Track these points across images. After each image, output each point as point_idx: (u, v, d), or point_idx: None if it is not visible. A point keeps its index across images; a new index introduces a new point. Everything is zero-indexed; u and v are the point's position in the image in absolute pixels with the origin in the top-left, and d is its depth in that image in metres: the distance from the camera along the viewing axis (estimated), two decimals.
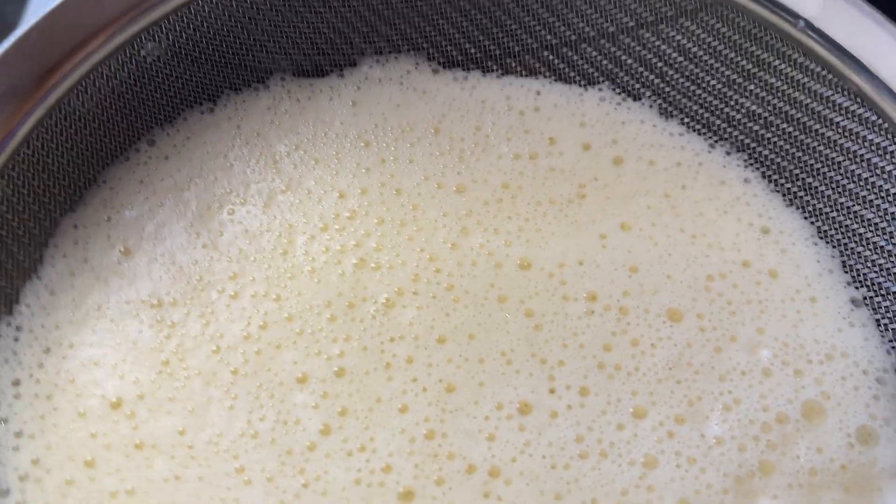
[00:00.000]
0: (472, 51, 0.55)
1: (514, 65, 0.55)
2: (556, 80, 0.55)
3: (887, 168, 0.48)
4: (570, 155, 0.53)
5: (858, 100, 0.47)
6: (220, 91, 0.55)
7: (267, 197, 0.51)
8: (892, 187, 0.48)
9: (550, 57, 0.55)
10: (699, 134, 0.54)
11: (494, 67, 0.56)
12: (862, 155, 0.49)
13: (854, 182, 0.49)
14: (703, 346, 0.48)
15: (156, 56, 0.51)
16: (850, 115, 0.48)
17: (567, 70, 0.55)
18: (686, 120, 0.54)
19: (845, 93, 0.48)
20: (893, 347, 0.48)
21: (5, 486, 0.45)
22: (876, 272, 0.49)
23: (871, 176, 0.49)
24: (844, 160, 0.49)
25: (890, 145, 0.47)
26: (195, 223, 0.51)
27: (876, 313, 0.49)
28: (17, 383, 0.47)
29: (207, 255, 0.50)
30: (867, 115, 0.47)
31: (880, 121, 0.47)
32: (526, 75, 0.55)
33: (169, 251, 0.50)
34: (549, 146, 0.53)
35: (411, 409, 0.46)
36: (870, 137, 0.48)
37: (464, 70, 0.56)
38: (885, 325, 0.49)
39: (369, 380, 0.47)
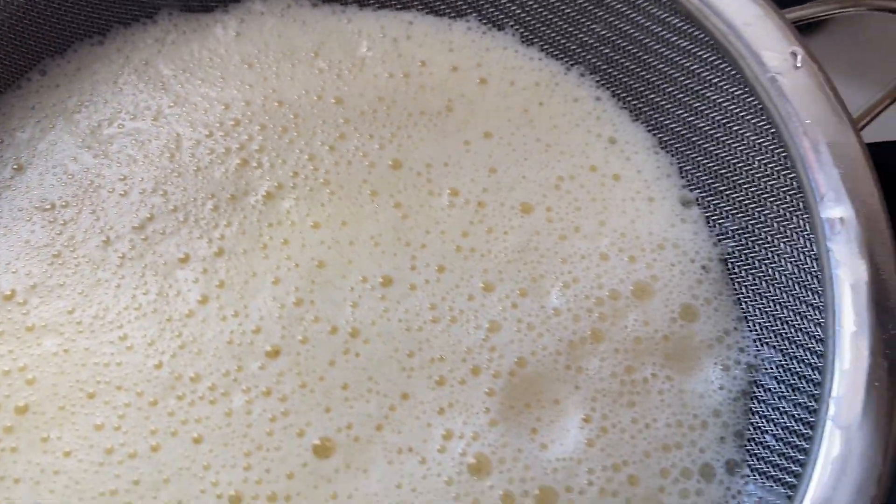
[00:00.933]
0: None
1: None
2: (427, 13, 0.61)
3: (714, 80, 0.54)
4: (440, 75, 0.58)
5: (688, 20, 0.53)
6: (110, 25, 0.59)
7: (155, 112, 0.56)
8: (720, 97, 0.54)
9: None
10: (556, 59, 0.60)
11: (371, 1, 0.61)
12: (694, 70, 0.55)
13: (689, 95, 0.55)
14: (549, 234, 0.53)
15: None
16: (682, 35, 0.54)
17: (437, 3, 0.61)
18: (545, 46, 0.60)
19: (677, 14, 0.54)
20: (719, 240, 0.54)
21: None
22: (707, 175, 0.55)
23: (703, 89, 0.55)
24: (681, 76, 0.55)
25: (716, 59, 0.53)
26: (87, 139, 0.55)
27: (706, 211, 0.55)
28: None
29: (98, 162, 0.54)
30: (697, 33, 0.53)
31: (707, 37, 0.53)
32: (400, 8, 0.61)
33: (61, 163, 0.54)
34: (421, 67, 0.59)
35: (283, 282, 0.51)
36: (700, 53, 0.54)
37: (341, 4, 0.61)
38: (714, 221, 0.55)
39: (246, 258, 0.51)
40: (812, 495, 0.40)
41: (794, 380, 0.47)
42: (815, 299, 0.47)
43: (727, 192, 0.54)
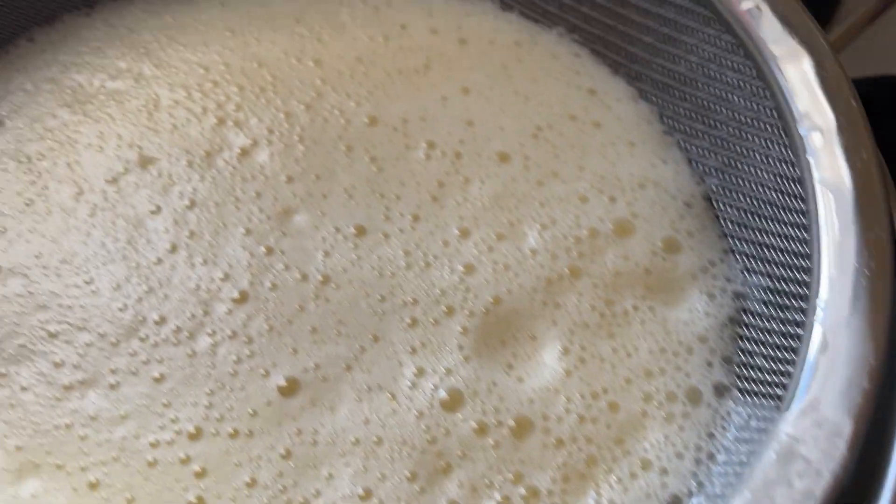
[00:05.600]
0: None
1: None
2: None
3: (689, 25, 0.53)
4: (419, 37, 0.59)
5: None
6: None
7: (136, 75, 0.57)
8: (696, 41, 0.53)
9: None
10: (536, 21, 0.60)
11: None
12: (669, 17, 0.54)
13: (666, 43, 0.55)
14: (527, 180, 0.52)
15: None
16: None
17: None
18: (524, 10, 0.60)
19: None
20: (702, 179, 0.52)
21: None
22: (688, 118, 0.54)
23: (679, 34, 0.54)
24: (657, 25, 0.55)
25: (689, 3, 0.53)
26: (67, 98, 0.56)
27: (688, 153, 0.53)
28: None
29: (77, 119, 0.55)
30: None
31: None
32: None
33: (41, 120, 0.55)
34: (401, 30, 0.59)
35: (254, 232, 0.50)
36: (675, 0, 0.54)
37: None
38: (696, 162, 0.53)
39: (218, 210, 0.51)
40: (800, 398, 0.37)
41: (781, 300, 0.44)
42: (799, 219, 0.45)
43: (708, 132, 0.53)
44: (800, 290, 0.43)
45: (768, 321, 0.45)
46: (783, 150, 0.48)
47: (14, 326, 0.46)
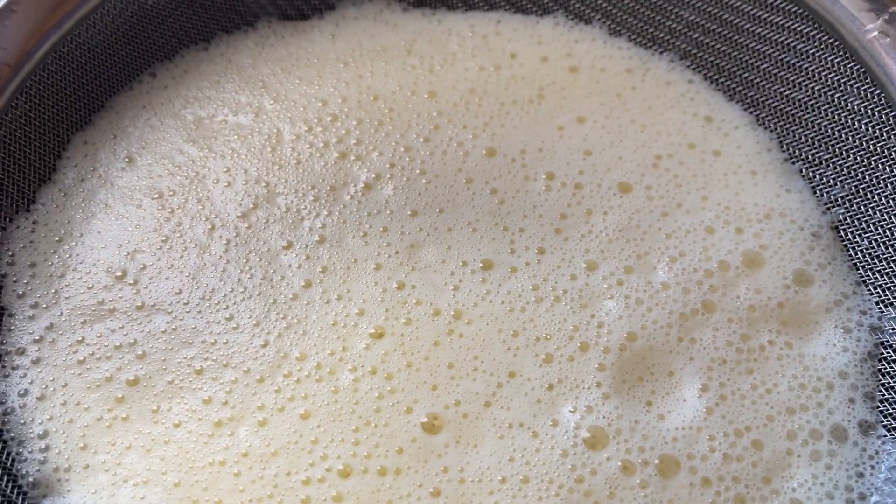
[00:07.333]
0: None
1: (476, 0, 0.62)
2: (514, 12, 0.62)
3: (810, 51, 0.53)
4: (530, 66, 0.59)
5: None
6: (214, 32, 0.61)
7: (257, 109, 0.58)
8: (819, 68, 0.53)
9: None
10: (646, 48, 0.60)
11: (459, 4, 0.62)
12: (789, 44, 0.54)
13: (785, 70, 0.55)
14: (650, 211, 0.52)
15: None
16: (775, 10, 0.54)
17: (523, 2, 0.62)
18: (633, 36, 0.60)
19: None
20: (828, 209, 0.52)
21: (21, 346, 0.50)
22: (810, 146, 0.54)
23: (799, 61, 0.54)
24: (774, 51, 0.55)
25: (811, 30, 0.52)
26: (192, 133, 0.57)
27: (811, 182, 0.53)
28: (33, 265, 0.53)
29: (203, 155, 0.56)
30: (789, 6, 0.53)
31: (800, 9, 0.52)
32: (487, 9, 0.62)
33: (169, 156, 0.56)
34: (511, 59, 0.59)
35: (384, 267, 0.51)
36: (794, 27, 0.53)
37: (431, 8, 0.63)
38: (820, 190, 0.53)
39: (347, 245, 0.52)
40: None
41: None
42: None
43: (833, 161, 0.52)
44: None
45: None
46: None
47: (161, 363, 0.48)
